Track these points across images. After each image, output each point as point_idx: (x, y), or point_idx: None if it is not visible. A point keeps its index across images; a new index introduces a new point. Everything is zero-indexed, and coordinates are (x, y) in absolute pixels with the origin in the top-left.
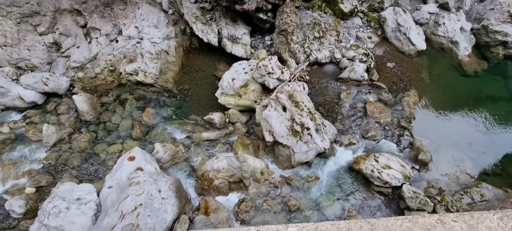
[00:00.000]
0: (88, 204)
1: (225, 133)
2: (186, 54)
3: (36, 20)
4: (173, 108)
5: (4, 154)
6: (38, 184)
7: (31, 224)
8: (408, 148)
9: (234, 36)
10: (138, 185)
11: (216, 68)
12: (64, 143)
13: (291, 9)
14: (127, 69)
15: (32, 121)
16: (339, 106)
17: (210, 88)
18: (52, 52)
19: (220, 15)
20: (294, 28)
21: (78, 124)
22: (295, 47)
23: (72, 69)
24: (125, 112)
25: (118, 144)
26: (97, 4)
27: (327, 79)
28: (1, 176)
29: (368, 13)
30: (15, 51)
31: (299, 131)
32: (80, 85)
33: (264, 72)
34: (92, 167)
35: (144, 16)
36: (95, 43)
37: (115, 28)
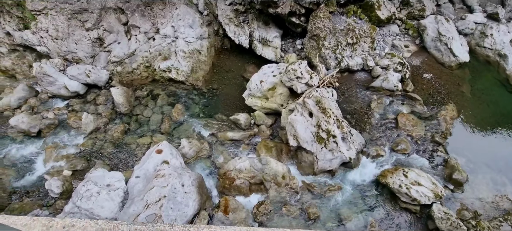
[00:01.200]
0: (116, 191)
1: (250, 134)
2: (217, 54)
3: (84, 16)
4: (201, 106)
5: (48, 137)
6: (74, 168)
7: (65, 204)
8: (441, 165)
9: (265, 39)
10: (163, 178)
11: (245, 70)
12: (100, 132)
13: (324, 14)
14: (161, 66)
15: (74, 109)
16: (368, 116)
17: (238, 89)
18: (96, 46)
19: (253, 18)
20: (326, 33)
21: (113, 115)
22: (326, 52)
23: (112, 64)
24: (156, 107)
25: (147, 137)
26: (138, 3)
27: (357, 87)
28: (44, 157)
29: (407, 20)
30: (64, 44)
31: (324, 138)
32: (118, 79)
33: (293, 77)
34: (123, 156)
35: (181, 16)
36: (134, 40)
37: (153, 27)
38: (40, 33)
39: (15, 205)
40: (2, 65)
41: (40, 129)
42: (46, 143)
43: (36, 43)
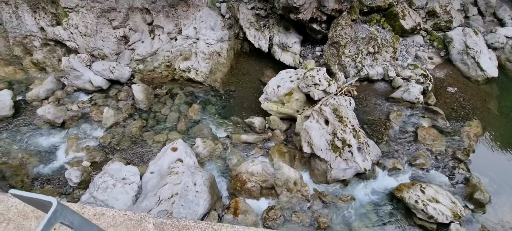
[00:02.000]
0: (131, 185)
1: (264, 138)
2: (236, 57)
3: (112, 15)
4: (217, 107)
5: (71, 128)
6: (93, 159)
7: (82, 194)
8: (462, 183)
9: (285, 44)
10: (176, 175)
11: (262, 74)
12: (119, 126)
13: (346, 22)
14: (181, 66)
15: (96, 103)
16: (386, 127)
17: (254, 92)
18: (121, 44)
19: (274, 23)
20: (347, 41)
21: (132, 111)
22: (346, 60)
23: (134, 61)
24: (174, 106)
25: (164, 134)
26: (164, 4)
27: (376, 97)
28: (65, 147)
29: (432, 32)
30: (92, 41)
31: (339, 147)
32: (139, 76)
33: (311, 83)
34: (139, 151)
35: (203, 18)
36: (157, 40)
37: (176, 28)
38: (71, 29)
39: (36, 191)
40: (34, 58)
41: (64, 120)
42: (68, 134)
43: (66, 39)
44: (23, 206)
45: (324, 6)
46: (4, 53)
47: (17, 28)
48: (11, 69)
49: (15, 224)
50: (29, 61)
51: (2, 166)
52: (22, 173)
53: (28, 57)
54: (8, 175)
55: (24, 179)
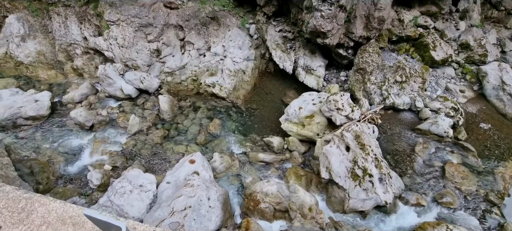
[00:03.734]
0: (147, 193)
1: (281, 159)
2: (260, 76)
3: (148, 30)
4: (238, 124)
5: (98, 132)
6: (115, 164)
7: (101, 196)
8: (495, 229)
9: (309, 67)
10: (192, 188)
11: (285, 94)
12: (142, 134)
13: (374, 49)
14: (207, 81)
15: (124, 110)
16: (411, 160)
17: (275, 112)
18: (153, 57)
19: (300, 46)
20: (374, 68)
21: (156, 120)
22: (372, 87)
23: (164, 73)
24: (196, 119)
25: (183, 145)
26: (197, 23)
27: (401, 128)
28: (91, 149)
29: (465, 64)
30: (127, 52)
31: (360, 176)
32: (166, 88)
33: (333, 107)
34: (158, 160)
35: (232, 37)
36: (187, 55)
37: (206, 45)
38: (110, 41)
39: (59, 189)
40: (74, 64)
41: (93, 123)
42: (95, 137)
43: (105, 49)
44: (62, 212)
45: (352, 33)
46: (49, 58)
47: (64, 37)
48: (53, 73)
49: (53, 228)
50: (69, 67)
51: (32, 162)
52: (49, 170)
53: (69, 63)
54: (36, 171)
55: (50, 176)
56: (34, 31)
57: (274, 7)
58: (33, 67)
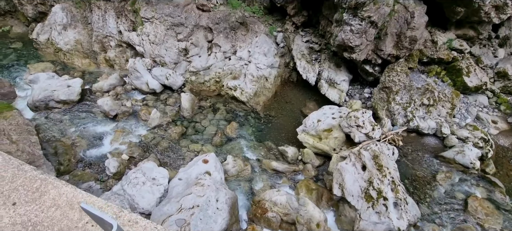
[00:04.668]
0: (159, 187)
1: (294, 170)
2: (282, 84)
3: (179, 29)
4: (254, 129)
5: (121, 122)
6: (132, 154)
7: (115, 184)
8: None
9: (333, 80)
10: (202, 187)
11: (305, 105)
12: (161, 129)
13: (403, 68)
14: (229, 84)
15: (147, 104)
16: (431, 188)
17: (293, 121)
18: (180, 55)
19: (325, 58)
20: (400, 88)
21: (176, 117)
22: (396, 108)
23: (189, 72)
24: (214, 120)
25: (199, 144)
26: (226, 26)
27: (424, 153)
28: (112, 138)
29: (500, 94)
30: (157, 49)
31: (374, 197)
32: (190, 87)
33: (353, 124)
34: (173, 156)
35: (258, 44)
36: (213, 57)
37: (232, 48)
38: (142, 36)
39: (78, 172)
40: (107, 55)
41: (117, 113)
42: (117, 126)
43: (137, 43)
44: (72, 197)
45: (381, 50)
46: (85, 48)
47: (101, 29)
48: (87, 61)
49: (62, 212)
50: (102, 58)
51: (57, 143)
52: (71, 153)
53: (102, 54)
54: (60, 152)
55: (71, 159)
56: (75, 21)
57: (304, 18)
58: (70, 55)
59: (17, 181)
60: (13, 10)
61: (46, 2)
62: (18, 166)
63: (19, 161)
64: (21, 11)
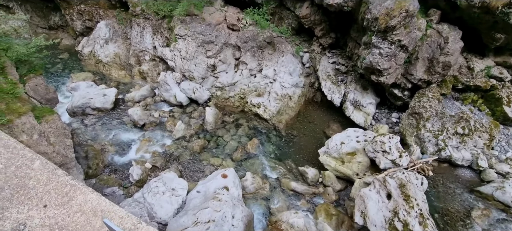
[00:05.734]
0: (177, 198)
1: (313, 192)
2: (306, 104)
3: (209, 46)
4: (275, 148)
5: (148, 131)
6: (155, 163)
7: (136, 191)
8: None
9: (359, 103)
10: (219, 202)
11: (328, 126)
12: (184, 140)
13: (435, 94)
14: (253, 101)
15: (173, 115)
16: (465, 225)
17: (315, 142)
18: (208, 71)
19: (352, 80)
20: (431, 115)
21: (200, 130)
22: (426, 135)
23: (215, 87)
24: (236, 135)
25: (219, 159)
26: (253, 45)
27: (457, 186)
28: (138, 146)
29: None
30: (187, 64)
31: (399, 230)
32: (215, 101)
33: (379, 149)
34: (194, 168)
35: (284, 63)
36: (239, 73)
37: (258, 66)
38: (175, 52)
39: (104, 176)
40: (141, 68)
41: (145, 123)
42: (144, 135)
43: (169, 58)
44: (96, 204)
45: (411, 74)
46: (123, 60)
47: (138, 44)
48: (123, 73)
49: (86, 218)
50: (137, 70)
51: (89, 148)
52: (100, 158)
53: (137, 66)
54: (90, 156)
55: (99, 164)
56: (116, 36)
57: (331, 39)
58: (109, 66)
59: (50, 184)
60: (64, 25)
61: (93, 18)
62: (53, 170)
63: (54, 166)
64: (71, 26)
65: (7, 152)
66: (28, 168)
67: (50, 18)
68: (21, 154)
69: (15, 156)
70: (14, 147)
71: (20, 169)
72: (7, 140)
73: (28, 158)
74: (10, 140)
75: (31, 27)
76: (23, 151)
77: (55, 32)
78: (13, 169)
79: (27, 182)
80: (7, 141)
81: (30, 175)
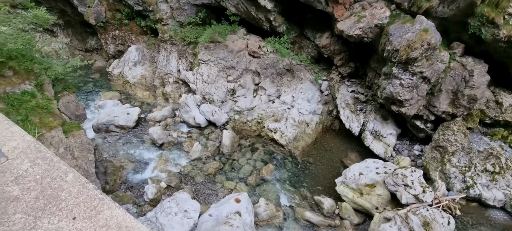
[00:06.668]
0: (189, 220)
1: (329, 224)
2: (323, 131)
3: (230, 71)
4: (291, 174)
5: (165, 150)
6: (170, 183)
7: (149, 210)
8: None
9: (378, 133)
10: (231, 228)
11: (346, 155)
12: (200, 162)
13: (460, 128)
14: (270, 126)
15: (191, 136)
16: None
17: (332, 171)
18: (228, 95)
19: (371, 109)
20: (457, 149)
21: (215, 152)
22: (452, 171)
23: (233, 111)
24: (251, 159)
25: (233, 182)
26: (273, 72)
27: (488, 229)
28: (155, 165)
29: None
30: (208, 87)
31: None
32: (232, 124)
33: (400, 182)
34: (207, 190)
35: (303, 90)
36: (258, 99)
37: (277, 92)
38: (197, 76)
39: (120, 193)
40: (165, 90)
41: (163, 142)
42: (162, 154)
43: (191, 81)
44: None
45: (434, 106)
46: (148, 82)
47: (164, 67)
48: (147, 94)
49: None
50: (160, 91)
51: (108, 164)
52: (118, 174)
53: (161, 88)
54: (109, 172)
55: (117, 180)
56: (144, 59)
57: (350, 69)
58: (135, 87)
59: (80, 197)
60: (99, 48)
61: (125, 43)
62: (84, 183)
63: (85, 179)
64: (105, 49)
65: (45, 163)
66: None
67: (87, 41)
68: (56, 166)
69: (51, 168)
70: (51, 159)
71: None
72: (45, 152)
73: (63, 171)
74: (48, 153)
75: (70, 49)
76: (58, 163)
77: (90, 54)
78: (48, 180)
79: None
80: (45, 153)
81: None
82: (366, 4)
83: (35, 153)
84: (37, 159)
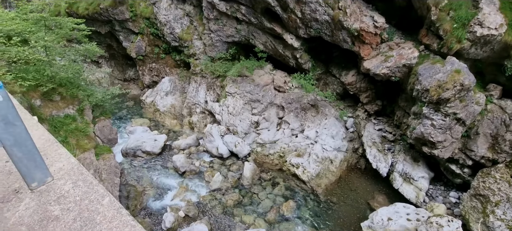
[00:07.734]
0: None
1: None
2: (348, 170)
3: (255, 105)
4: (312, 213)
5: (186, 179)
6: (188, 213)
7: None
8: None
9: (409, 175)
10: None
11: (373, 197)
12: (220, 193)
13: (503, 176)
14: (292, 161)
15: (213, 167)
16: None
17: (357, 213)
18: (251, 127)
19: (400, 150)
20: (501, 199)
21: (236, 184)
22: (497, 224)
23: (256, 143)
24: (271, 194)
25: (252, 217)
26: (297, 106)
27: None
28: (175, 193)
29: None
30: (232, 119)
31: None
32: (254, 157)
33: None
34: (224, 224)
35: (327, 126)
36: (281, 132)
37: (300, 127)
38: (223, 107)
39: (139, 219)
40: (191, 119)
41: (185, 170)
42: (183, 182)
43: (217, 112)
44: None
45: (471, 150)
46: (177, 111)
47: (192, 98)
48: (174, 122)
49: None
50: (187, 121)
51: (132, 188)
52: (139, 200)
53: (188, 117)
54: (131, 197)
55: (138, 205)
56: (175, 90)
57: (377, 107)
58: (164, 115)
59: (114, 222)
60: (136, 78)
61: (160, 74)
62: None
63: (120, 204)
64: (141, 79)
65: (85, 185)
66: (98, 203)
67: (126, 72)
68: (95, 189)
69: (90, 190)
70: (91, 182)
71: (92, 203)
72: (86, 175)
73: (100, 194)
74: (88, 176)
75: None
76: (97, 186)
77: (128, 83)
78: (86, 202)
79: (95, 217)
80: (86, 175)
81: (99, 210)
82: (393, 44)
83: (78, 175)
84: (78, 181)
